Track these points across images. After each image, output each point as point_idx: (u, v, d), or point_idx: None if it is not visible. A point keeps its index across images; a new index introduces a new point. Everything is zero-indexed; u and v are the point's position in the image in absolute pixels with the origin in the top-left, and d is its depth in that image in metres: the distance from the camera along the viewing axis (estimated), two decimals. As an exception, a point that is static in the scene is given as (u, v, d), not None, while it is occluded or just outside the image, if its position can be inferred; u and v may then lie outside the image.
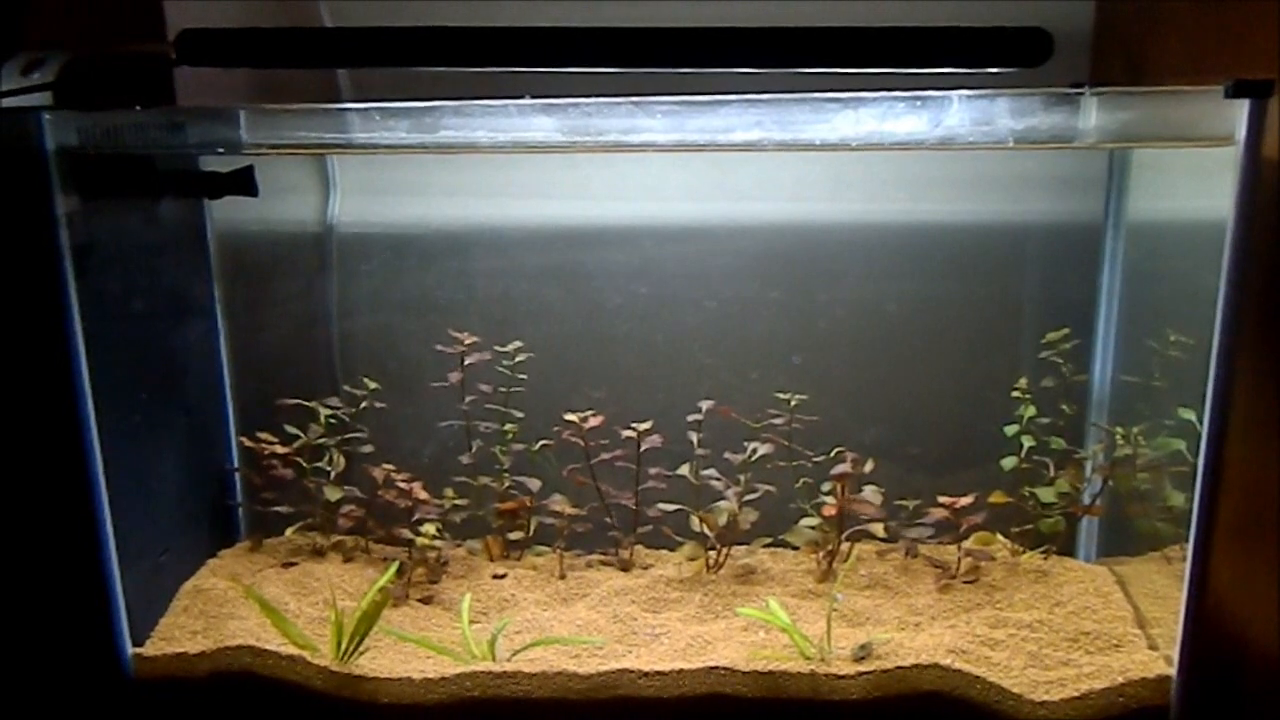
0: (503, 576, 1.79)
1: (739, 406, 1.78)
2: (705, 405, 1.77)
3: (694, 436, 1.77)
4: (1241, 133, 1.22)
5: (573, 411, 1.79)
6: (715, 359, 1.90)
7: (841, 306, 1.87)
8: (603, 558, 1.87)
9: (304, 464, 1.83)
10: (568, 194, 1.86)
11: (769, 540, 1.84)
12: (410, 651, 1.58)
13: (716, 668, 1.47)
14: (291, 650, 1.53)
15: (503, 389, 1.83)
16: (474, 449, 1.86)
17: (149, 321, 1.66)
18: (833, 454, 1.76)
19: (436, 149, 1.46)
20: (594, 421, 1.78)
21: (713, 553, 1.78)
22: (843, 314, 1.88)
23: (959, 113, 1.35)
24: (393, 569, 1.65)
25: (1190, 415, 1.41)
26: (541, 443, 1.84)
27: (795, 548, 1.82)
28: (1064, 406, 1.77)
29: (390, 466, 1.82)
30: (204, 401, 1.85)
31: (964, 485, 1.73)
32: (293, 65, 1.61)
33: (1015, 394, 1.76)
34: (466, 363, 1.82)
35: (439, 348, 1.82)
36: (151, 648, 1.57)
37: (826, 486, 1.76)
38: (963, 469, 1.85)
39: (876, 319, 1.87)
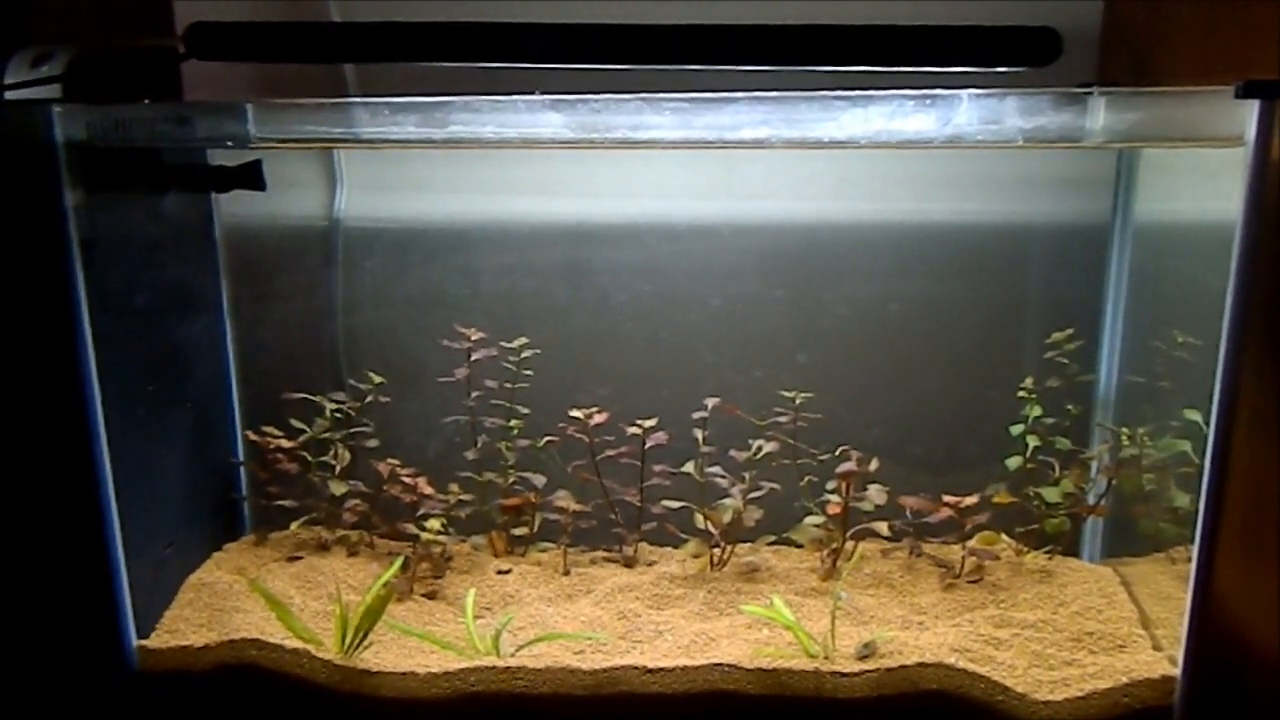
0: (507, 572, 1.79)
1: (744, 404, 1.78)
2: (710, 403, 1.77)
3: (699, 434, 1.77)
4: (1251, 133, 1.22)
5: (578, 408, 1.79)
6: (720, 357, 1.90)
7: (847, 305, 1.87)
8: (607, 554, 1.87)
9: (309, 458, 1.84)
10: (574, 191, 1.86)
11: (773, 538, 1.85)
12: (414, 646, 1.58)
13: (720, 665, 1.47)
14: (296, 644, 1.53)
15: (508, 385, 1.83)
16: (479, 445, 1.86)
17: (156, 315, 1.66)
18: (837, 452, 1.76)
19: (444, 144, 1.46)
20: (599, 418, 1.78)
21: (717, 550, 1.78)
22: (848, 313, 1.88)
23: (967, 111, 1.35)
24: (397, 564, 1.66)
25: (1196, 416, 1.41)
26: (546, 439, 1.84)
27: (799, 546, 1.82)
28: (1069, 407, 1.77)
29: (395, 461, 1.82)
30: (210, 395, 1.85)
31: (969, 485, 1.73)
32: (300, 60, 1.62)
33: (1021, 394, 1.76)
34: (472, 358, 1.82)
35: (445, 343, 1.82)
36: (156, 640, 1.58)
37: (831, 485, 1.76)
38: (968, 469, 1.85)
39: (882, 318, 1.87)
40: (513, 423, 1.84)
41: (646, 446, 1.77)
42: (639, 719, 1.48)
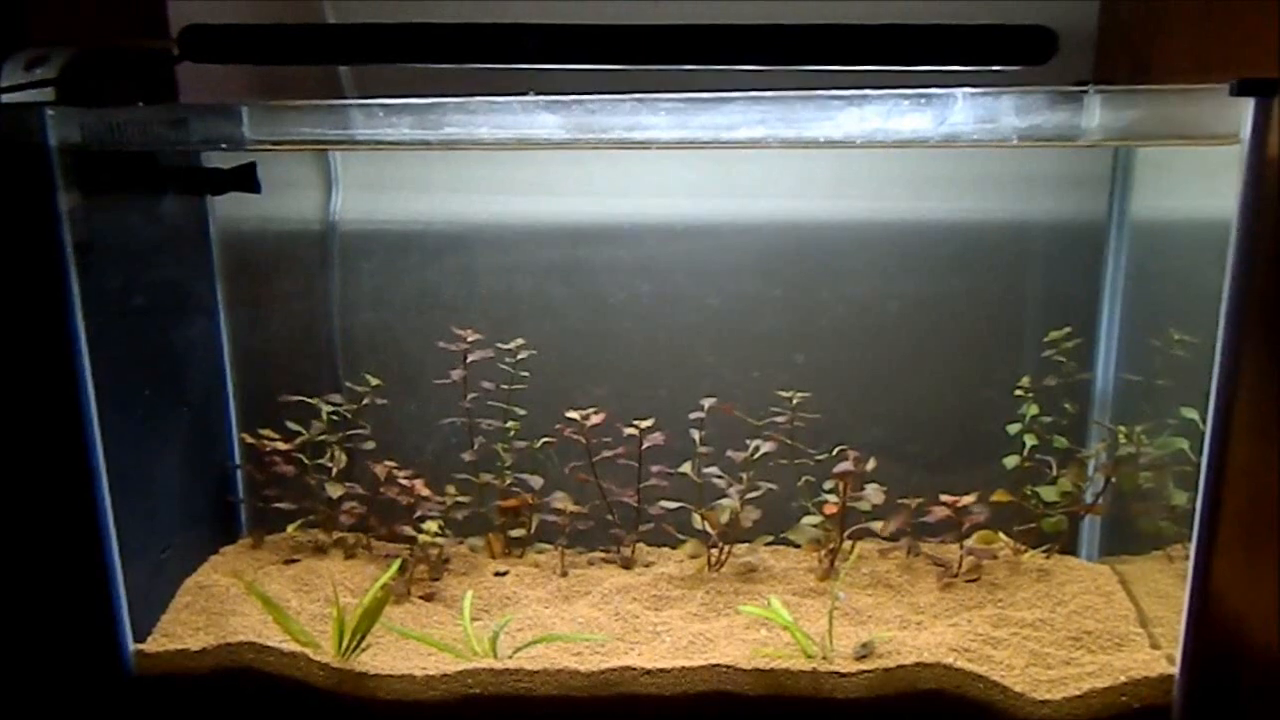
0: (504, 574, 1.79)
1: (741, 404, 1.78)
2: (707, 403, 1.77)
3: (696, 434, 1.77)
4: (1246, 131, 1.22)
5: (575, 409, 1.79)
6: (718, 357, 1.90)
7: (844, 304, 1.87)
8: (604, 555, 1.87)
9: (306, 461, 1.83)
10: (571, 191, 1.86)
11: (771, 538, 1.85)
12: (412, 648, 1.57)
13: (718, 665, 1.47)
14: (293, 647, 1.53)
15: (505, 386, 1.83)
16: (476, 446, 1.86)
17: (151, 318, 1.66)
18: (835, 452, 1.76)
19: (439, 145, 1.46)
20: (596, 419, 1.78)
21: (714, 550, 1.78)
22: (845, 312, 1.87)
23: (964, 110, 1.35)
24: (395, 566, 1.65)
25: (1193, 414, 1.41)
26: (543, 440, 1.84)
27: (797, 546, 1.82)
28: (1067, 405, 1.77)
29: (392, 463, 1.82)
30: (206, 398, 1.85)
31: (966, 484, 1.73)
32: (295, 62, 1.61)
33: (1018, 392, 1.76)
34: (469, 360, 1.81)
35: (441, 345, 1.82)
36: (153, 644, 1.57)
37: (828, 484, 1.76)
38: (965, 468, 1.85)
39: (879, 317, 1.87)
40: (510, 424, 1.84)
41: (644, 447, 1.77)
42: (637, 720, 1.48)
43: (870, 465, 1.74)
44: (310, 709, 1.51)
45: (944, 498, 1.71)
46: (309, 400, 1.85)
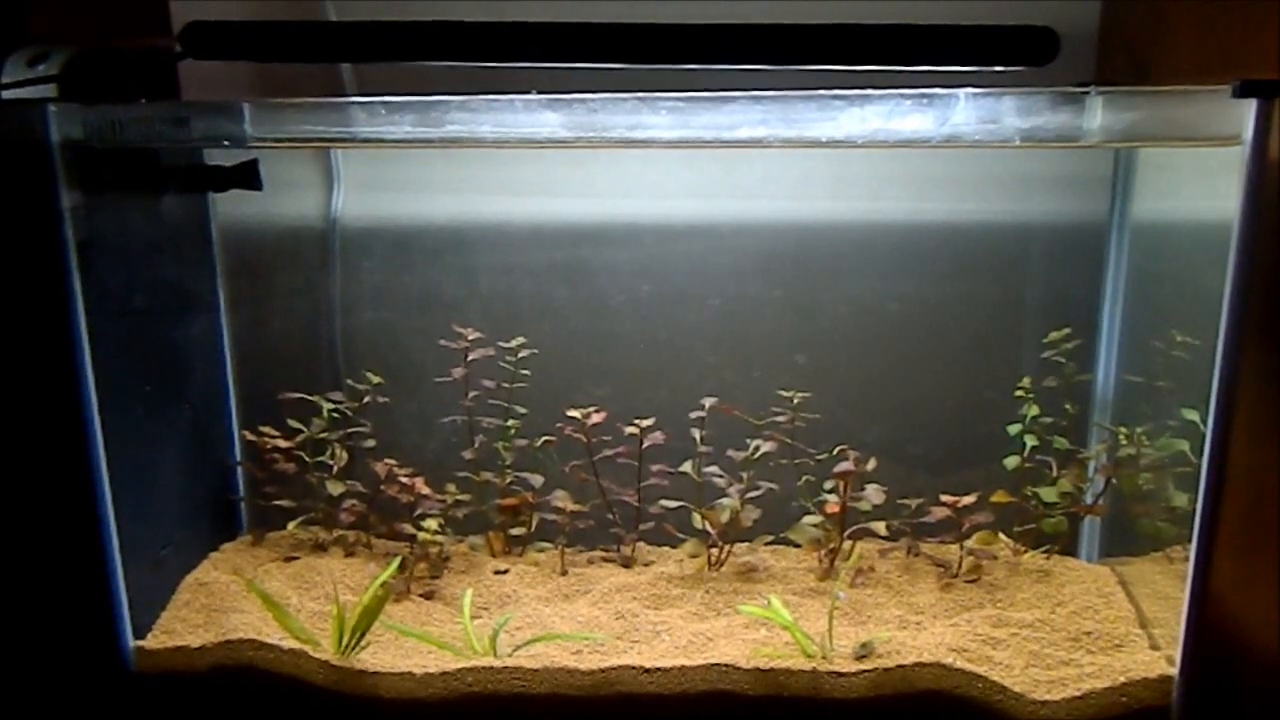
0: (504, 572, 1.79)
1: (741, 404, 1.78)
2: (708, 402, 1.77)
3: (696, 434, 1.77)
4: (1248, 132, 1.22)
5: (575, 408, 1.79)
6: (718, 356, 1.90)
7: (845, 305, 1.87)
8: (604, 554, 1.87)
9: (306, 458, 1.84)
10: (572, 191, 1.86)
11: (771, 538, 1.85)
12: (411, 646, 1.58)
13: (718, 665, 1.47)
14: (293, 644, 1.53)
15: (505, 385, 1.83)
16: (476, 445, 1.86)
17: (152, 315, 1.66)
18: (835, 452, 1.76)
19: (441, 144, 1.46)
20: (596, 418, 1.78)
21: (714, 550, 1.78)
22: (846, 312, 1.88)
23: (965, 111, 1.35)
24: (394, 564, 1.65)
25: (1194, 416, 1.41)
26: (544, 439, 1.84)
27: (797, 545, 1.82)
28: (1067, 406, 1.77)
29: (393, 461, 1.82)
30: (207, 395, 1.85)
31: (967, 484, 1.73)
32: (297, 59, 1.62)
33: (1018, 393, 1.76)
34: (469, 358, 1.82)
35: (442, 343, 1.82)
36: (153, 641, 1.58)
37: (829, 484, 1.76)
38: (966, 468, 1.85)
39: (880, 318, 1.87)
40: (510, 423, 1.84)
41: (644, 446, 1.77)
42: (636, 719, 1.48)
43: (870, 465, 1.74)
44: (310, 706, 1.51)
45: (944, 498, 1.71)
46: (310, 398, 1.85)
